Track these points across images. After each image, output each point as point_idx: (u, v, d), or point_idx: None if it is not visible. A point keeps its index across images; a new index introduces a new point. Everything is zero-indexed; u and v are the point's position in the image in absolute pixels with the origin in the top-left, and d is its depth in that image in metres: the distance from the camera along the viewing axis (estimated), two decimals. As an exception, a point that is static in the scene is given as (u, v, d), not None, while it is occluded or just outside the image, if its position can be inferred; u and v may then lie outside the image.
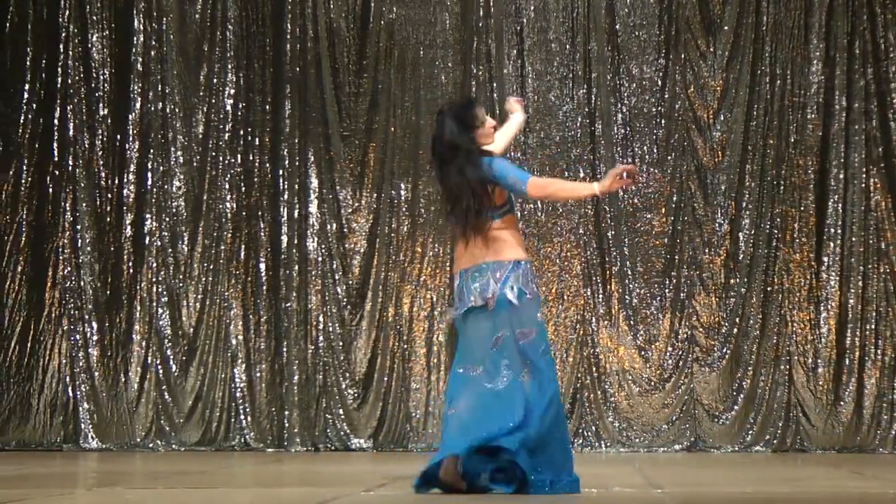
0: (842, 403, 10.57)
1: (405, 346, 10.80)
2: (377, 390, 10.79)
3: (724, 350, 10.70)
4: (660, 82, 10.92)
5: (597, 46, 10.93)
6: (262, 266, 10.94)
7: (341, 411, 10.75)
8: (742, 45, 10.90)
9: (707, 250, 10.79)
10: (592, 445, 10.59)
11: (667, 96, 10.90)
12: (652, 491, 6.92)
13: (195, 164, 11.05)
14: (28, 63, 11.11)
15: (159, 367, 10.87)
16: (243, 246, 10.98)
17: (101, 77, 11.12)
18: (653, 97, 10.91)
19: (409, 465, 8.73)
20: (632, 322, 10.73)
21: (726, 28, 10.93)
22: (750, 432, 10.57)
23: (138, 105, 11.08)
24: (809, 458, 9.90)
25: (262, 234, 10.97)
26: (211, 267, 10.97)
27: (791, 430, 10.55)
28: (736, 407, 10.62)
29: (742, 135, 10.82)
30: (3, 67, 11.11)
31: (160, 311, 10.93)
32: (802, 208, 10.76)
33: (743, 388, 10.63)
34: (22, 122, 11.08)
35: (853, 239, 10.69)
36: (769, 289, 10.71)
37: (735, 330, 10.69)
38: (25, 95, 11.09)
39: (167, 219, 11.00)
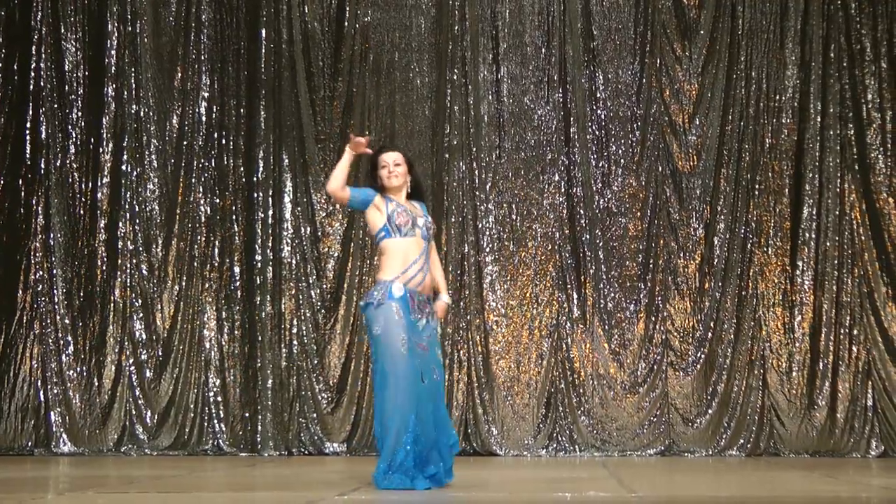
0: (815, 407, 10.62)
1: (380, 351, 10.78)
2: (351, 394, 10.80)
3: (699, 354, 10.74)
4: (635, 86, 10.95)
5: (572, 50, 10.96)
6: (237, 270, 10.94)
7: (315, 415, 10.76)
8: (718, 49, 10.95)
9: (682, 254, 10.83)
10: (567, 450, 10.61)
11: (642, 100, 10.93)
12: (626, 495, 6.95)
13: (169, 167, 11.04)
14: (0, 65, 11.06)
15: (133, 371, 10.85)
16: (217, 250, 10.97)
17: (75, 80, 11.10)
18: (628, 101, 10.94)
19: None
20: (606, 326, 10.76)
21: (702, 32, 10.98)
22: (724, 436, 10.61)
23: (112, 108, 11.06)
24: (783, 462, 9.92)
25: (237, 237, 10.96)
26: (185, 271, 10.96)
27: (765, 434, 10.59)
28: (710, 411, 10.66)
29: (717, 139, 10.87)
30: (-25, 70, 11.08)
31: (134, 315, 10.91)
32: (777, 212, 10.82)
33: (717, 393, 10.67)
34: (-6, 124, 11.05)
35: (828, 243, 10.74)
36: (744, 293, 10.75)
37: (709, 334, 10.74)
38: (-2, 98, 11.07)
39: (141, 222, 10.99)
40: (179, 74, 11.09)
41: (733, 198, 10.83)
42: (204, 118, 11.05)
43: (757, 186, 10.83)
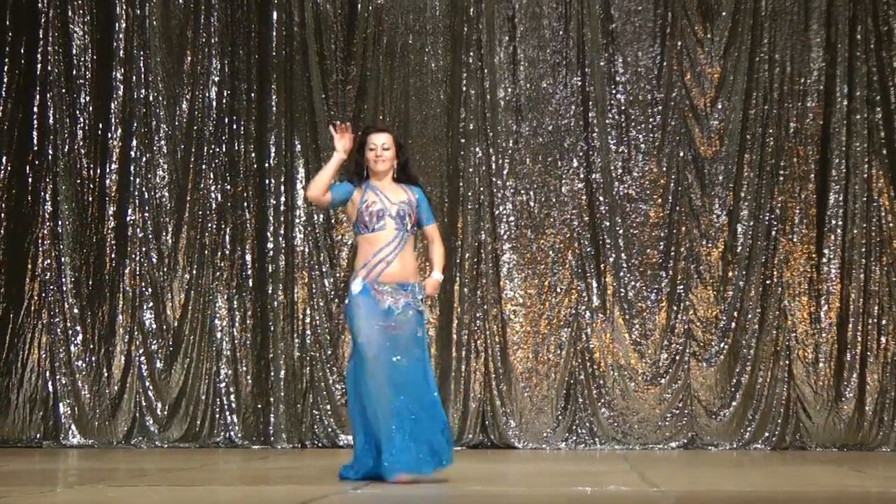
0: (843, 400, 10.54)
1: (394, 341, 10.73)
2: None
3: (722, 345, 10.67)
4: (656, 70, 10.89)
5: (591, 33, 10.88)
6: (248, 258, 10.89)
7: (329, 407, 10.70)
8: (740, 31, 10.85)
9: (704, 242, 10.76)
10: (587, 443, 10.56)
11: (663, 84, 10.86)
12: (648, 489, 6.92)
13: (179, 153, 11.00)
14: (7, 49, 11.04)
15: (143, 361, 10.83)
16: (228, 237, 10.93)
17: (83, 64, 11.05)
18: (648, 85, 10.88)
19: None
20: (627, 316, 10.70)
21: (724, 14, 10.88)
22: (748, 429, 10.54)
23: (121, 93, 11.01)
24: (809, 456, 9.89)
25: (248, 225, 10.92)
26: (195, 259, 10.92)
27: (791, 427, 10.52)
28: (734, 403, 10.59)
29: (740, 123, 10.79)
30: (-19, 54, 11.04)
31: (143, 304, 10.88)
32: (803, 199, 10.73)
33: (741, 384, 10.60)
34: (0, 110, 11.00)
35: (855, 230, 10.66)
36: (768, 282, 10.67)
37: (733, 324, 10.66)
38: (4, 83, 11.02)
39: (150, 210, 10.95)
40: (189, 58, 11.03)
41: (757, 184, 10.74)
42: (214, 103, 10.99)
43: (781, 172, 10.75)
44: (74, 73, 11.03)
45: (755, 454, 10.19)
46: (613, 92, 10.88)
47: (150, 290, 10.90)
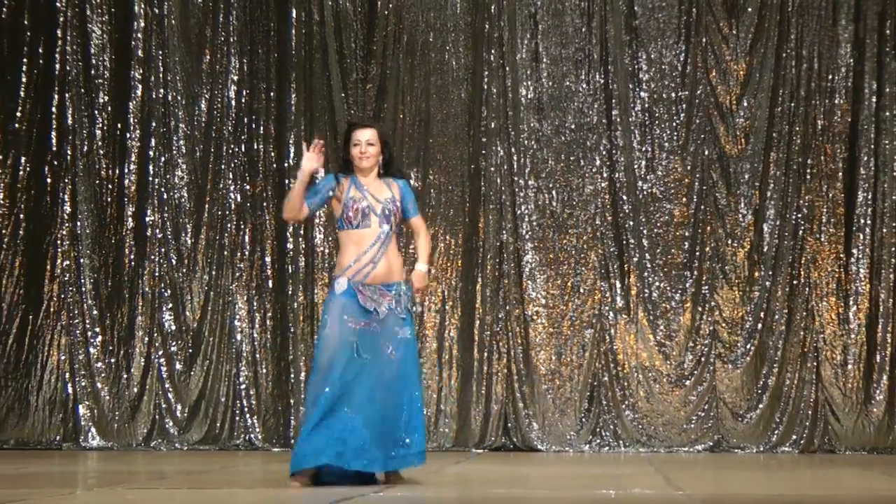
0: (872, 402, 10.50)
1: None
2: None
3: (748, 346, 10.62)
4: (680, 67, 10.85)
5: (614, 29, 10.85)
6: (268, 259, 10.90)
7: (350, 409, 10.67)
8: (766, 27, 10.81)
9: (730, 242, 10.72)
10: (610, 445, 10.54)
11: (687, 81, 10.83)
12: (673, 493, 6.89)
13: (198, 153, 11.01)
14: (25, 49, 11.06)
15: (162, 363, 10.84)
16: (248, 238, 10.93)
17: (101, 63, 11.07)
18: (673, 82, 10.85)
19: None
20: (651, 317, 10.67)
21: (750, 9, 10.84)
22: (776, 432, 10.50)
23: (139, 92, 11.03)
24: (838, 460, 9.85)
25: (267, 225, 10.92)
26: (215, 260, 10.93)
27: (819, 429, 10.49)
28: (761, 405, 10.55)
29: (766, 121, 10.75)
30: (0, 54, 11.04)
31: (163, 305, 10.89)
32: (830, 197, 10.69)
33: (768, 386, 10.55)
34: (19, 110, 11.03)
35: (884, 230, 10.62)
36: (795, 282, 10.63)
37: (759, 325, 10.62)
38: (23, 83, 11.04)
39: (169, 210, 10.96)
40: (208, 57, 11.04)
41: (784, 182, 10.70)
42: (233, 102, 11.00)
43: (808, 170, 10.70)
44: (93, 72, 11.04)
45: (782, 457, 10.14)
46: (637, 90, 10.86)
47: (169, 291, 10.91)
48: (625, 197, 10.77)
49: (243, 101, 11.01)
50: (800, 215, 10.68)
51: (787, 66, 10.76)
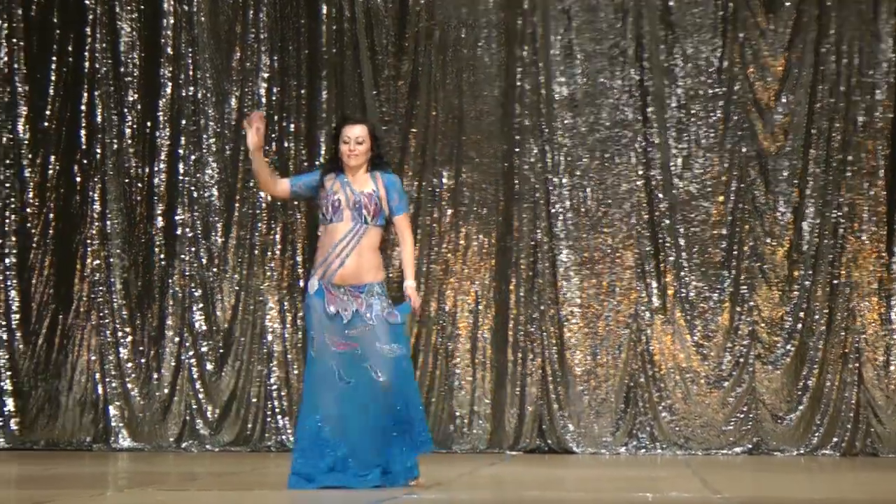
0: (916, 404, 10.45)
1: (448, 343, 10.75)
2: (419, 388, 10.70)
3: (788, 347, 10.57)
4: (717, 62, 10.81)
5: (649, 25, 10.82)
6: (299, 258, 10.91)
7: (382, 410, 10.67)
8: (805, 21, 10.75)
9: (769, 240, 10.68)
10: (647, 447, 10.51)
11: (724, 77, 10.78)
12: (711, 496, 6.88)
13: (228, 151, 11.03)
14: (54, 47, 11.11)
15: (193, 363, 10.87)
16: (279, 237, 10.94)
17: (130, 61, 11.10)
18: (709, 78, 10.81)
19: (453, 467, 8.69)
20: (688, 317, 10.63)
21: (788, 4, 10.78)
22: (816, 435, 10.45)
23: (168, 90, 11.06)
24: (881, 463, 9.82)
25: (299, 224, 10.93)
26: (246, 259, 10.94)
27: (861, 432, 10.42)
28: (801, 407, 10.50)
29: (805, 117, 10.69)
30: (30, 52, 11.11)
31: (193, 305, 10.92)
32: (871, 195, 10.62)
33: (808, 388, 10.50)
34: (48, 108, 11.08)
35: (927, 228, 10.55)
36: (836, 281, 10.58)
37: (799, 325, 10.57)
38: (52, 81, 11.09)
39: (199, 209, 10.99)
40: (238, 54, 11.06)
41: (823, 180, 10.65)
42: (263, 100, 11.02)
43: (849, 168, 10.65)
44: (122, 70, 11.08)
45: (823, 460, 10.11)
46: (673, 86, 10.81)
47: (199, 290, 10.94)
48: (661, 195, 10.74)
49: (274, 98, 11.03)
50: (840, 213, 10.61)
51: (827, 61, 10.70)
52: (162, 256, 11.00)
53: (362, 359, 6.86)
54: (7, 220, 11.01)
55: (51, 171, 11.08)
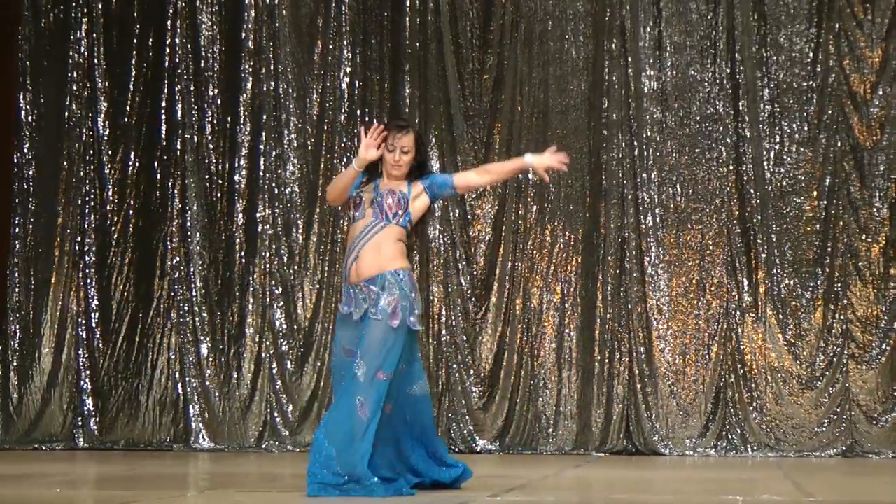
0: None
1: (533, 341, 10.77)
2: (504, 388, 10.77)
3: (884, 346, 10.49)
4: (811, 54, 10.73)
5: (741, 16, 10.76)
6: (380, 256, 10.94)
7: (465, 410, 10.74)
8: (904, 11, 10.66)
9: (864, 237, 10.59)
10: (738, 449, 10.46)
11: (819, 69, 10.70)
12: (803, 499, 6.84)
13: (310, 147, 11.12)
14: (135, 42, 11.26)
15: (273, 362, 10.96)
16: (360, 234, 10.99)
17: (211, 56, 11.23)
18: (803, 70, 10.74)
19: (538, 468, 8.71)
20: (780, 315, 10.57)
21: (885, -7, 10.70)
22: (913, 437, 10.38)
23: (249, 85, 11.17)
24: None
25: (381, 221, 10.97)
26: (327, 256, 11.03)
27: (961, 434, 10.33)
28: (897, 409, 10.42)
29: (903, 110, 10.60)
30: (109, 47, 11.29)
31: (273, 303, 11.01)
32: (971, 190, 10.52)
33: (904, 389, 10.43)
34: (128, 104, 11.24)
35: None
36: (935, 279, 10.49)
37: (895, 324, 10.46)
38: (132, 76, 11.25)
39: (280, 206, 11.09)
40: (319, 48, 11.15)
41: (921, 175, 10.55)
42: (346, 94, 11.09)
43: (948, 162, 10.55)
44: (202, 65, 11.21)
45: (921, 464, 10.02)
46: (765, 78, 10.76)
47: (280, 288, 11.03)
48: (752, 190, 10.69)
49: (356, 92, 11.10)
50: (939, 208, 10.54)
51: (926, 52, 10.61)
52: (242, 254, 11.11)
53: (352, 363, 6.60)
54: (87, 218, 11.19)
55: (131, 168, 11.23)
